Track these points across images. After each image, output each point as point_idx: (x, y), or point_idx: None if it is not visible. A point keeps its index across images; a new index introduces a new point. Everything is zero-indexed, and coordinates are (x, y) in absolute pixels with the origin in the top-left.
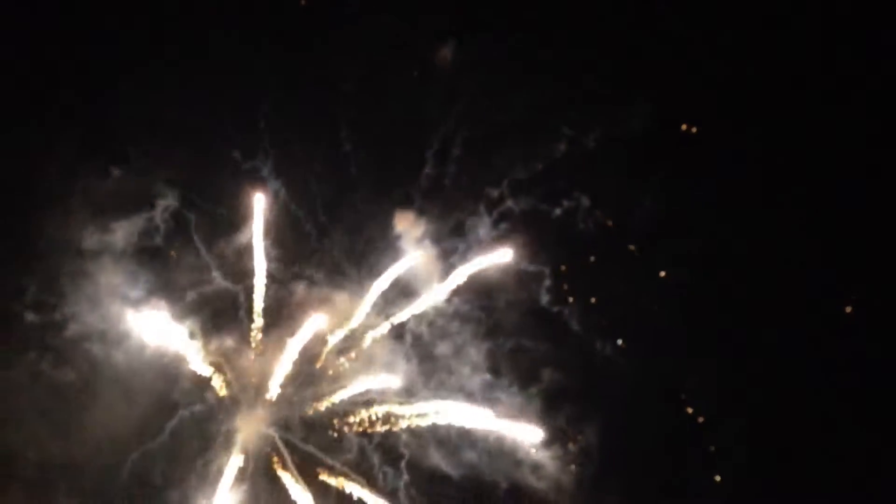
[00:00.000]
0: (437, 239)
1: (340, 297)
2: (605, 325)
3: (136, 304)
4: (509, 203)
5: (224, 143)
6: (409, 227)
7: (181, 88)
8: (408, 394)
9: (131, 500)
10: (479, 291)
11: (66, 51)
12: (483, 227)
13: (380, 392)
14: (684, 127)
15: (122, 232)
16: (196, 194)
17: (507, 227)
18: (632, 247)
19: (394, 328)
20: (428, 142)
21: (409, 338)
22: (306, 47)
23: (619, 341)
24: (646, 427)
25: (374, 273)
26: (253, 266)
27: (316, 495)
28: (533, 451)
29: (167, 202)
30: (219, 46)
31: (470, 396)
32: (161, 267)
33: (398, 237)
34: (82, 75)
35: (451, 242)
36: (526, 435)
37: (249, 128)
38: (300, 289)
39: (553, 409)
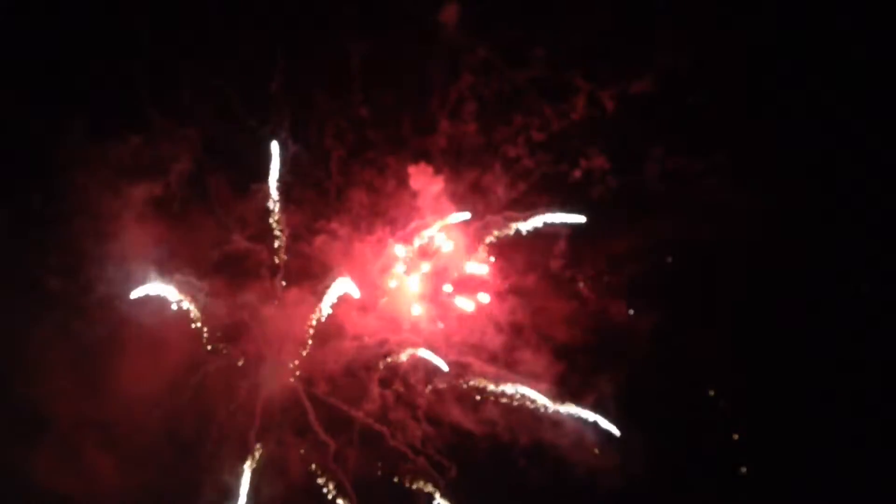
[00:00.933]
0: (453, 197)
1: (362, 253)
2: (620, 291)
3: (159, 264)
4: (526, 162)
5: (240, 108)
6: (426, 185)
7: (198, 56)
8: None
9: (160, 454)
10: (497, 252)
11: (85, 19)
12: (500, 187)
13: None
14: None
15: (142, 195)
16: (214, 158)
17: (525, 187)
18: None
19: (415, 286)
20: (441, 99)
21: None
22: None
23: (631, 311)
24: (666, 403)
25: (394, 228)
26: (273, 224)
27: (338, 447)
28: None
29: (185, 166)
30: (231, 14)
31: (490, 356)
32: (182, 228)
33: (415, 194)
34: (103, 43)
35: (469, 201)
36: (606, 427)
37: (264, 93)
38: (322, 245)
39: (573, 369)
